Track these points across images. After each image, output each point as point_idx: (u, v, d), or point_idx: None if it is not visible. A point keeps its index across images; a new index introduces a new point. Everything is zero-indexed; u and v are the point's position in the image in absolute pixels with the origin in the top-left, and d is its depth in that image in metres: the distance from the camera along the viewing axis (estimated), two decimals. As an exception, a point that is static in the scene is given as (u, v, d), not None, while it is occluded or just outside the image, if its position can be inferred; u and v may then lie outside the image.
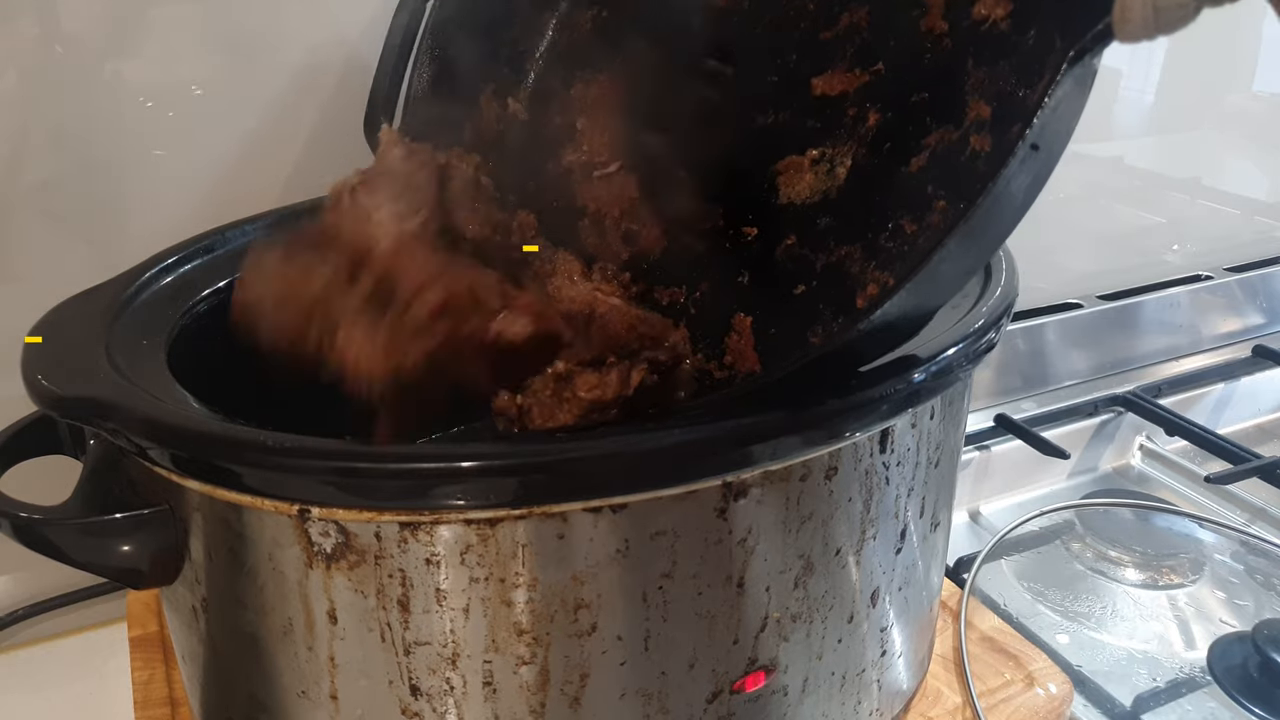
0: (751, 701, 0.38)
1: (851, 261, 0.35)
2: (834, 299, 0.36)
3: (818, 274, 0.37)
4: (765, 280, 0.39)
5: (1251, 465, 0.76)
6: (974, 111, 0.32)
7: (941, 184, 0.33)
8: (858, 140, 0.37)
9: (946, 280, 0.33)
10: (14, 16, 0.51)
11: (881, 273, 0.34)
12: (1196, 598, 0.64)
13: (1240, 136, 0.99)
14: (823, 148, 0.38)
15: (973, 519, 0.77)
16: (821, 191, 0.38)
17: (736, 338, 0.38)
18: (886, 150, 0.36)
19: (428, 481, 0.31)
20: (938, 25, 0.35)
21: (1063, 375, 0.88)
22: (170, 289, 0.45)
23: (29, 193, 0.55)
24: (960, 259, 0.31)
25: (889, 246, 0.34)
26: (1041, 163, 0.29)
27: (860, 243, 0.35)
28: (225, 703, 0.40)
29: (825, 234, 0.37)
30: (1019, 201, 0.30)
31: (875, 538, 0.39)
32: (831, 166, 0.38)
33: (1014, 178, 0.28)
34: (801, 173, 0.39)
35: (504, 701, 0.35)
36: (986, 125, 0.32)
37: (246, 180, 0.59)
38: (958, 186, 0.32)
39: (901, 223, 0.33)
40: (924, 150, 0.34)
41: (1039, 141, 0.28)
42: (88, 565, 0.36)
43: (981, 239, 0.31)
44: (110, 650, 0.57)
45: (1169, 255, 0.98)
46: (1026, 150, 0.28)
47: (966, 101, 0.33)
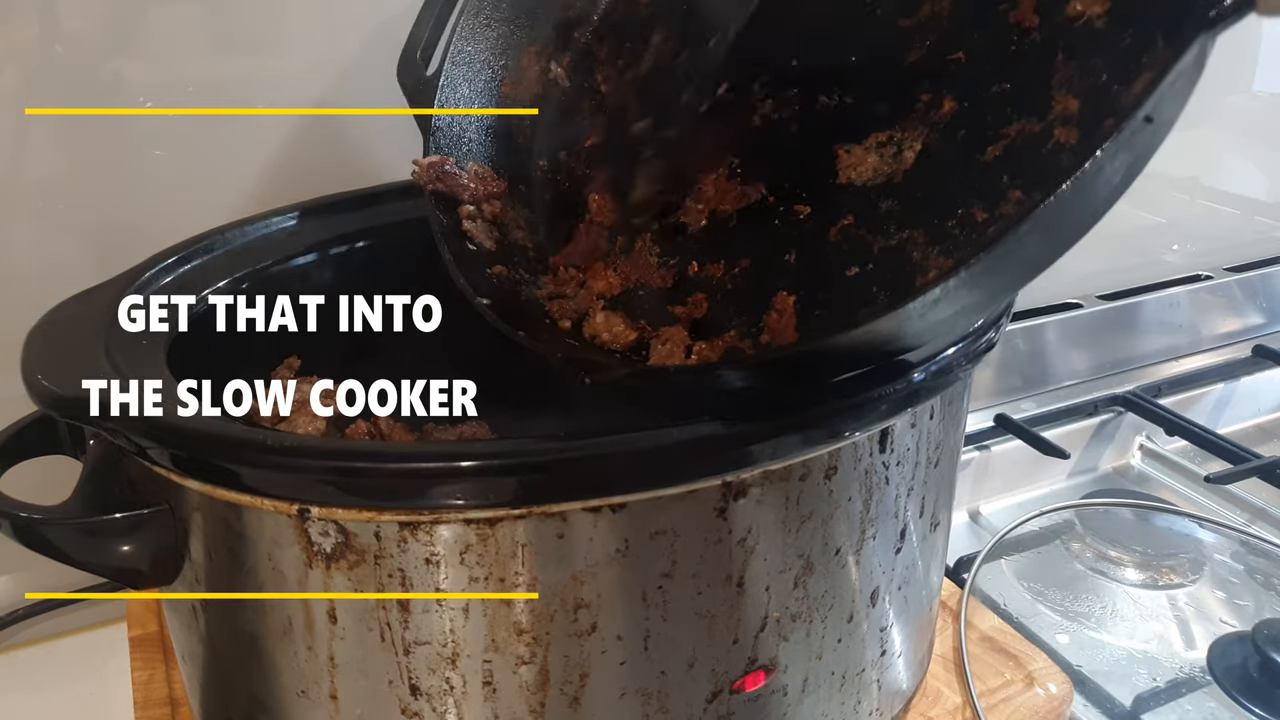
0: (751, 701, 0.38)
1: (913, 246, 0.34)
2: (890, 282, 0.35)
3: (875, 256, 0.36)
4: (815, 260, 0.38)
5: (1251, 465, 0.76)
6: (1060, 105, 0.32)
7: (1019, 174, 0.32)
8: (930, 126, 0.36)
9: (1013, 272, 0.32)
10: (14, 16, 0.52)
11: (946, 259, 0.33)
12: (1196, 598, 0.64)
13: (1240, 136, 0.99)
14: (890, 131, 0.38)
15: (973, 519, 0.77)
16: (886, 174, 0.37)
17: (776, 316, 0.37)
18: (961, 138, 0.35)
19: (427, 481, 0.31)
20: (1028, 19, 0.35)
21: (1063, 375, 0.88)
22: (170, 289, 0.45)
23: (29, 192, 0.55)
24: (1032, 250, 0.30)
25: (956, 233, 0.33)
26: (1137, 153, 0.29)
27: (924, 227, 0.34)
28: (225, 703, 0.40)
29: (886, 217, 0.36)
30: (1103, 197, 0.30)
31: (875, 537, 0.39)
32: (899, 150, 0.37)
33: (1102, 171, 0.28)
34: (866, 154, 0.38)
35: (504, 701, 0.35)
36: (1074, 119, 0.31)
37: (246, 180, 0.59)
38: (1037, 178, 0.31)
39: (972, 210, 0.33)
40: (1002, 140, 0.33)
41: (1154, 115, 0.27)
42: (88, 565, 0.36)
43: (1058, 232, 0.30)
44: (110, 650, 0.57)
45: (1169, 255, 0.98)
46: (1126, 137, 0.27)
47: (1053, 94, 0.32)
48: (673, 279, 0.42)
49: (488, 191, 0.46)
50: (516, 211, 0.47)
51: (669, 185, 0.44)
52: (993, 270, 0.30)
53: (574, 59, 0.50)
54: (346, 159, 0.60)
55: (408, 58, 0.50)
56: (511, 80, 0.50)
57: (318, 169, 0.60)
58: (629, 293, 0.43)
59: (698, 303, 0.40)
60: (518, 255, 0.45)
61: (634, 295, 0.42)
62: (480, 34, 0.50)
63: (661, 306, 0.41)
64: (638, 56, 0.48)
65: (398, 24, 0.50)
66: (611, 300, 0.42)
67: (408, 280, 0.42)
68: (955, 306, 0.31)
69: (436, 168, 0.45)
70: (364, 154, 0.45)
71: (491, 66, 0.50)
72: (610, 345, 0.40)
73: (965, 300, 0.31)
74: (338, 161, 0.60)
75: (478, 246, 0.45)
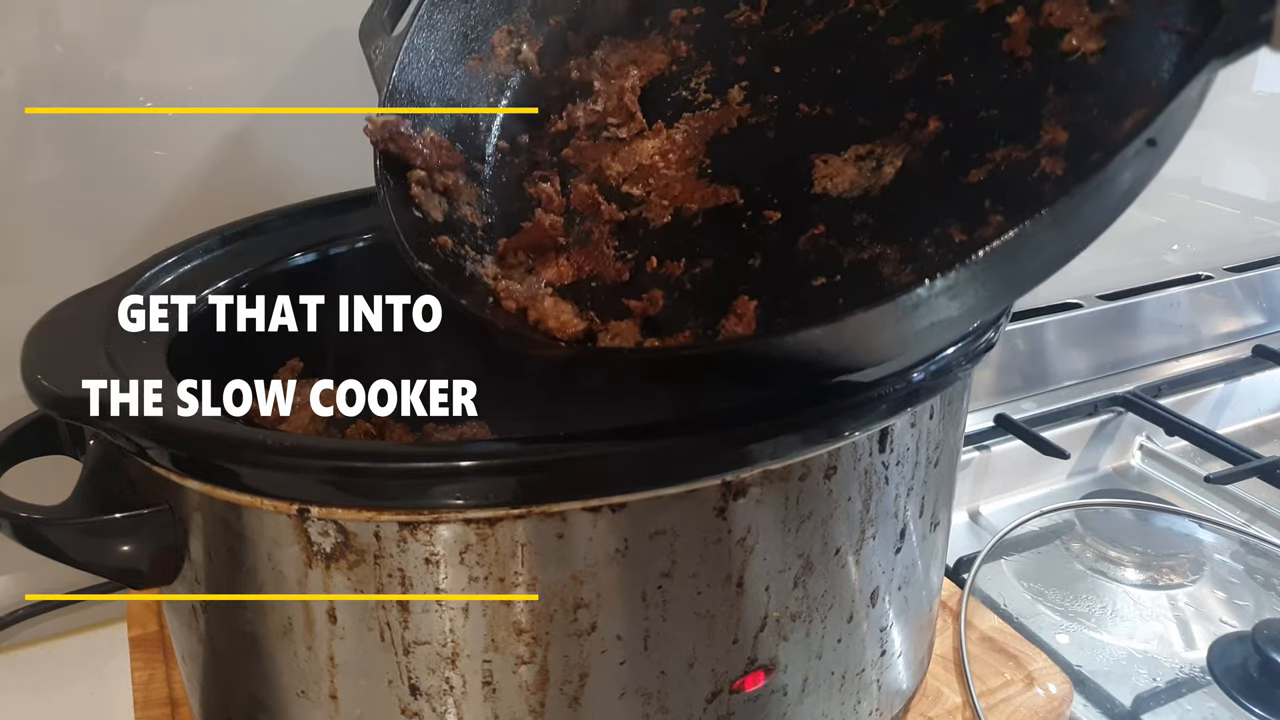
0: (751, 701, 0.38)
1: (884, 261, 0.34)
2: (857, 296, 0.34)
3: (843, 268, 0.35)
4: (781, 267, 0.38)
5: (1251, 465, 0.76)
6: (1049, 135, 0.32)
7: (1002, 199, 0.32)
8: (913, 144, 0.36)
9: (995, 286, 0.31)
10: (14, 16, 0.52)
11: (917, 277, 0.32)
12: (1196, 598, 0.64)
13: (1240, 136, 0.99)
14: (872, 145, 0.37)
15: (973, 519, 0.77)
16: (863, 187, 0.37)
17: (735, 320, 0.36)
18: (944, 158, 0.35)
19: (427, 481, 0.31)
20: (1020, 49, 0.35)
21: (1063, 375, 0.88)
22: (170, 289, 0.45)
23: (29, 193, 0.55)
24: (1012, 270, 0.30)
25: (930, 252, 0.33)
26: (1123, 192, 0.29)
27: (898, 244, 0.34)
28: (225, 703, 0.40)
29: (860, 229, 0.36)
30: (1088, 227, 0.30)
31: (875, 537, 0.39)
32: (879, 164, 0.37)
33: (1088, 200, 0.28)
34: (844, 165, 0.38)
35: (503, 701, 0.35)
36: (1062, 150, 0.31)
37: (246, 180, 0.59)
38: (1020, 204, 0.31)
39: (949, 231, 0.32)
40: (986, 164, 0.33)
41: (1157, 137, 0.27)
42: (88, 565, 0.36)
43: (1034, 259, 0.30)
44: (110, 650, 0.57)
45: (1169, 255, 0.98)
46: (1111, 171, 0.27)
47: (1042, 124, 0.32)
48: (629, 273, 0.41)
49: (442, 161, 0.44)
50: (469, 188, 0.46)
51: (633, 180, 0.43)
52: (983, 277, 0.29)
53: (546, 44, 0.50)
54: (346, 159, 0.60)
55: (372, 18, 0.48)
56: (479, 56, 0.49)
57: (317, 169, 0.60)
58: (581, 283, 0.41)
59: (654, 299, 0.38)
60: (464, 231, 0.44)
61: (586, 286, 0.41)
62: (453, 4, 0.49)
63: (615, 300, 0.40)
64: (616, 49, 0.48)
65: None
66: (561, 289, 0.41)
67: (408, 280, 0.42)
68: (933, 317, 0.30)
69: (391, 127, 0.43)
70: (363, 154, 0.45)
71: (461, 38, 0.49)
72: (555, 333, 0.38)
73: (944, 311, 0.30)
74: (337, 161, 0.60)
75: (424, 215, 0.43)
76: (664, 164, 0.44)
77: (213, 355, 0.41)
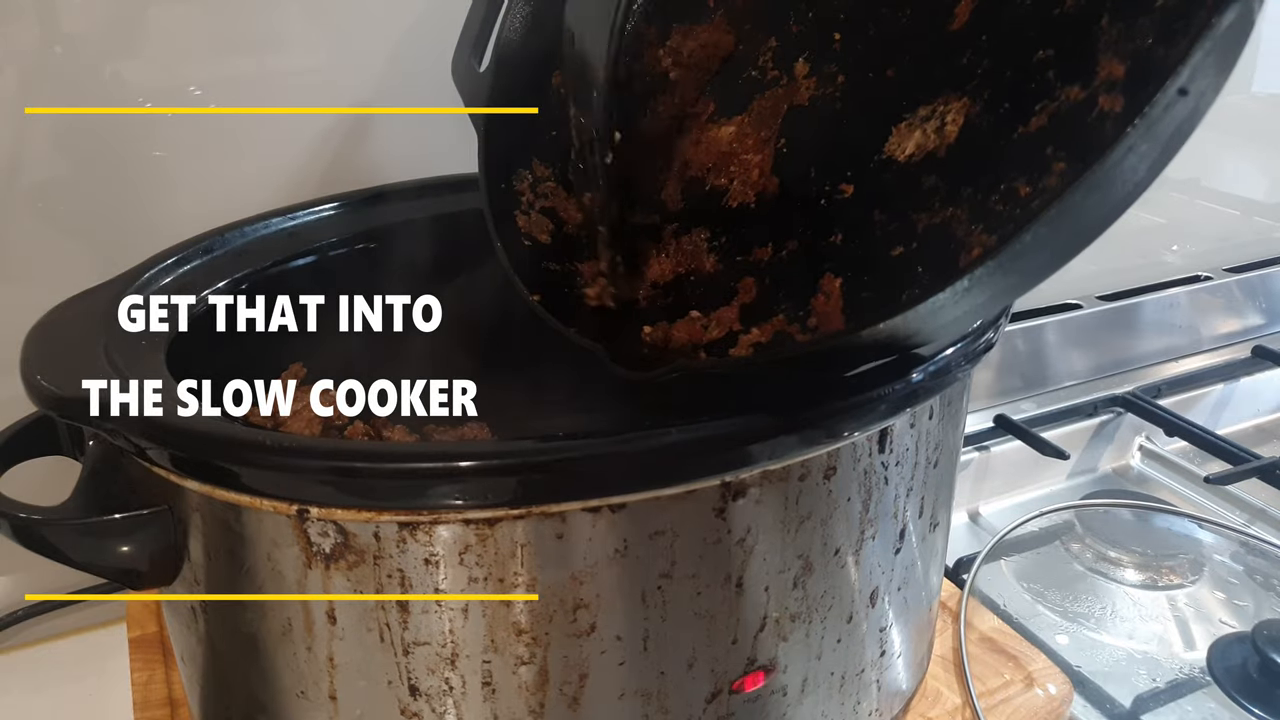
0: (751, 701, 0.38)
1: (957, 223, 0.33)
2: (934, 262, 0.33)
3: (919, 235, 0.35)
4: (860, 240, 0.37)
5: (1251, 465, 0.76)
6: (1105, 70, 0.30)
7: (1063, 145, 0.31)
8: (972, 97, 0.35)
9: (1057, 247, 0.31)
10: (14, 16, 0.52)
11: (989, 236, 0.32)
12: (1196, 598, 0.64)
13: (1240, 137, 0.99)
14: (934, 104, 0.37)
15: (972, 519, 0.77)
16: (929, 149, 0.36)
17: (824, 299, 0.36)
18: (1004, 109, 0.34)
19: (426, 481, 0.31)
20: None
21: (1062, 376, 0.88)
22: (170, 289, 0.45)
23: (29, 193, 0.55)
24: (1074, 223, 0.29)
25: (999, 210, 0.32)
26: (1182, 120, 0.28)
27: (967, 204, 0.33)
28: (224, 703, 0.40)
29: (930, 193, 0.35)
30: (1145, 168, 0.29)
31: (874, 538, 0.39)
32: (942, 124, 0.36)
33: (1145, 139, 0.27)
34: (910, 129, 0.37)
35: (503, 701, 0.35)
36: (1119, 85, 0.30)
37: (246, 180, 0.59)
38: (1082, 148, 0.30)
39: (1015, 185, 0.31)
40: (1045, 110, 0.32)
41: (1186, 88, 0.26)
42: (87, 565, 0.36)
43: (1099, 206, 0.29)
44: (110, 650, 0.57)
45: (1168, 255, 0.98)
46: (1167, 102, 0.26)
47: (1098, 59, 0.31)
48: (721, 263, 0.42)
49: None
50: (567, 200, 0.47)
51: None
52: (1033, 249, 0.29)
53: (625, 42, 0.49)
54: (346, 159, 0.60)
55: (460, 56, 0.50)
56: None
57: (317, 169, 0.60)
58: (681, 278, 0.43)
59: (747, 287, 0.40)
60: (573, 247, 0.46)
61: (685, 281, 0.42)
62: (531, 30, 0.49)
63: (711, 292, 0.41)
64: (688, 34, 0.48)
65: (396, 23, 0.50)
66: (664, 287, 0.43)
67: (408, 280, 0.42)
68: (991, 290, 0.30)
69: None
70: (363, 154, 0.45)
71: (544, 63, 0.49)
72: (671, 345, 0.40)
73: (1002, 283, 0.30)
74: (338, 161, 0.60)
75: (533, 241, 0.45)
76: (742, 149, 0.44)
77: (213, 355, 0.41)
